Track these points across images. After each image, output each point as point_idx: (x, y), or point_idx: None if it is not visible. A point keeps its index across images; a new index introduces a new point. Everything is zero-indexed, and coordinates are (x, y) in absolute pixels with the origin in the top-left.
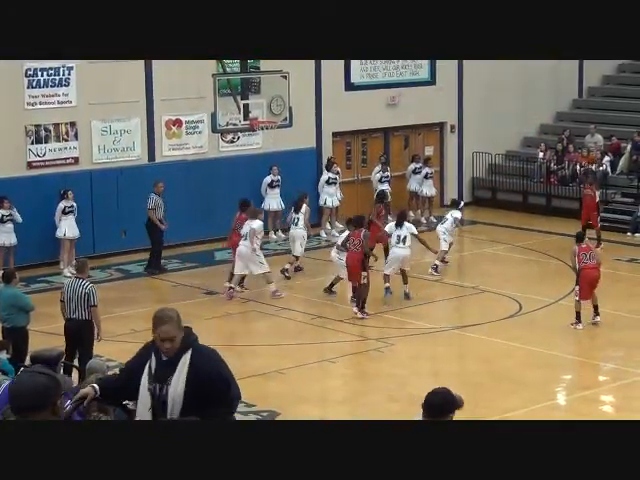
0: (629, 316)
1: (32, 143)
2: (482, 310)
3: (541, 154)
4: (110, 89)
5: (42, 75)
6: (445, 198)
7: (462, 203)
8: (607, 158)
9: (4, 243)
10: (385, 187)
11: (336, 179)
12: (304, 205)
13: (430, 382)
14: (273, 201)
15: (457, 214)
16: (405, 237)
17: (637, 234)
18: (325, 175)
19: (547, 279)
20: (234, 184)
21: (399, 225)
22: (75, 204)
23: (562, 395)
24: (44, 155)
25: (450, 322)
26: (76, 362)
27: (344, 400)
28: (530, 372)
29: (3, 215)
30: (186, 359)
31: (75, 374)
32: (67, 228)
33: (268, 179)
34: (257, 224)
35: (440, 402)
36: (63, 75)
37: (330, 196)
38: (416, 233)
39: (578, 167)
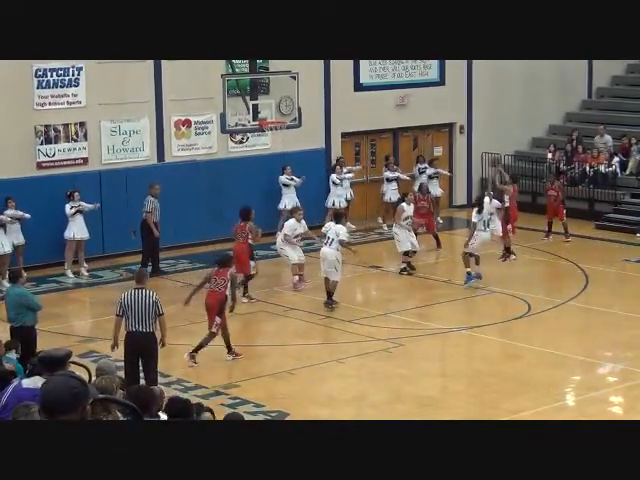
0: (638, 317)
1: (41, 143)
2: (491, 311)
3: (550, 155)
4: (119, 89)
5: (51, 75)
6: (454, 199)
7: None
8: (616, 159)
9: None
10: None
11: (342, 180)
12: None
13: (438, 383)
14: (289, 201)
15: None
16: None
17: None
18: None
19: (556, 280)
20: (243, 185)
21: (479, 212)
22: (83, 204)
23: (570, 396)
24: (53, 155)
25: (459, 323)
26: (123, 374)
27: (352, 400)
28: (538, 373)
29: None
30: None
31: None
32: (76, 229)
33: (283, 179)
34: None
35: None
36: (72, 75)
37: (338, 197)
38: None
39: (587, 168)
